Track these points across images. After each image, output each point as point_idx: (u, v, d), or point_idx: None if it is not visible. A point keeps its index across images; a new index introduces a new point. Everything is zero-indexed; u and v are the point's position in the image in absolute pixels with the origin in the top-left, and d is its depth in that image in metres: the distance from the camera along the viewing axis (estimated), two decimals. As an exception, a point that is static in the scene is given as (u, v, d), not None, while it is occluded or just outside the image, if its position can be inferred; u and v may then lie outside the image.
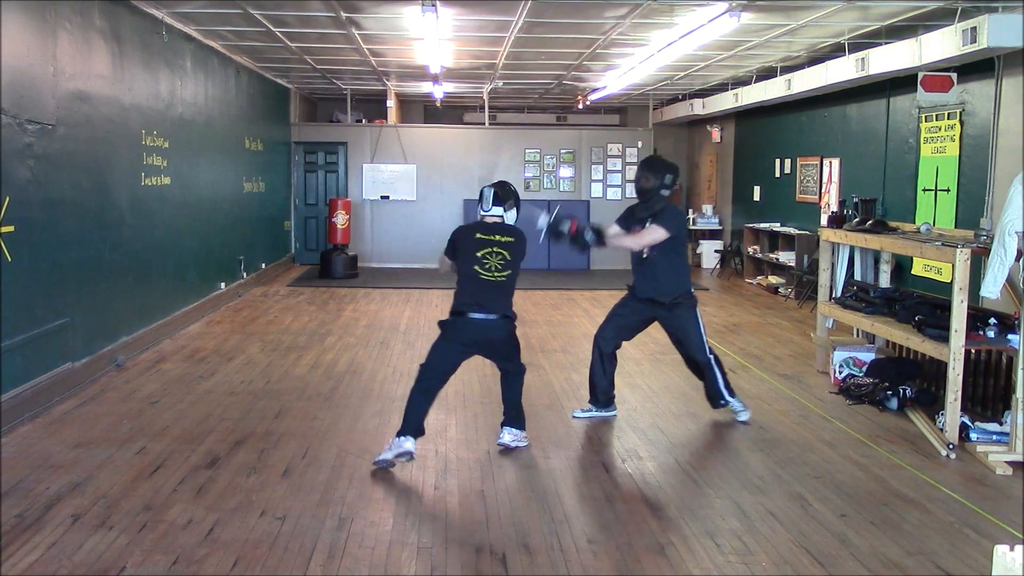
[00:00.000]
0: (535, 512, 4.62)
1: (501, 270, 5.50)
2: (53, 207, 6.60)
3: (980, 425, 5.88)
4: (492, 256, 5.51)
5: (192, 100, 10.07)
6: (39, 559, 3.95)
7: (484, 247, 5.53)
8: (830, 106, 12.20)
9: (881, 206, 10.15)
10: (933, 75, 8.61)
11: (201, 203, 10.42)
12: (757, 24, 9.00)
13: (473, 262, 5.51)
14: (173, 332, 9.18)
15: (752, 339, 9.57)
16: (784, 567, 4.02)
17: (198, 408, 6.47)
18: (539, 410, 6.59)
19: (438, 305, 11.73)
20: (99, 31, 7.50)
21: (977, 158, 8.70)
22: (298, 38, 10.46)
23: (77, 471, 5.07)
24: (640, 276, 6.27)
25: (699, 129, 18.52)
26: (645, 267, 6.18)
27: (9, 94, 5.91)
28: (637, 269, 6.28)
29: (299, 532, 4.30)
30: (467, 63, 12.45)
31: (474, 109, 18.66)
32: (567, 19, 9.11)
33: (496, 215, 5.62)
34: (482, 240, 5.55)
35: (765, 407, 6.77)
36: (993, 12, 7.22)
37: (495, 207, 5.61)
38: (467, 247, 5.56)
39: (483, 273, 5.49)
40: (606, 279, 14.68)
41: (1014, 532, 4.48)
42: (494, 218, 5.62)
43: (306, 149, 16.56)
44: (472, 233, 5.61)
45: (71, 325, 6.87)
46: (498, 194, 5.62)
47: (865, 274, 8.03)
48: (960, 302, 5.71)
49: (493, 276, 5.49)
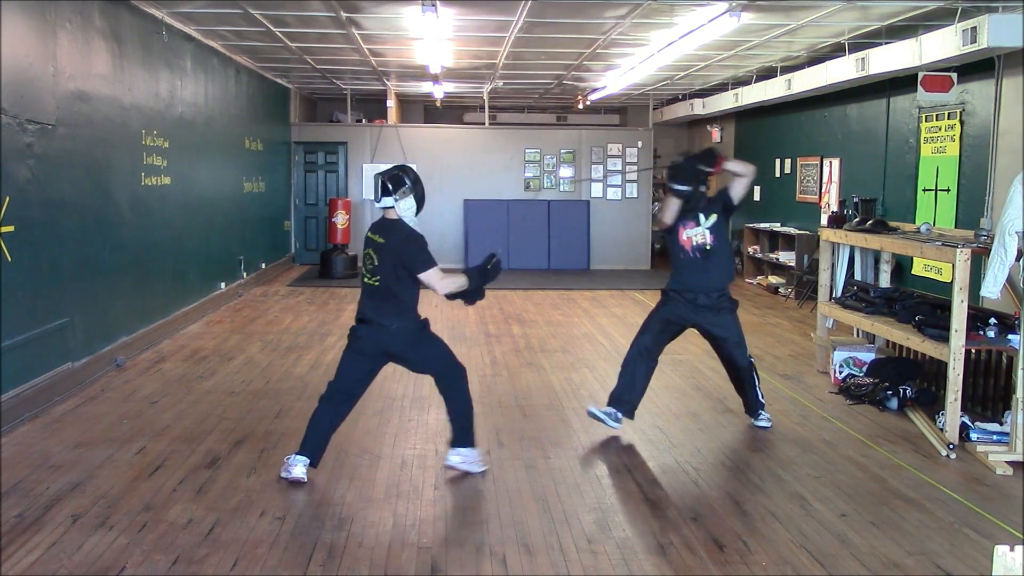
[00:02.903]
0: (535, 512, 4.62)
1: (372, 274, 4.97)
2: (53, 207, 6.60)
3: (980, 425, 5.88)
4: (368, 258, 5.03)
5: (192, 100, 10.07)
6: (39, 559, 3.95)
7: (367, 247, 5.06)
8: (830, 106, 12.20)
9: (881, 206, 10.15)
10: (933, 75, 8.61)
11: (201, 203, 10.42)
12: (757, 24, 9.00)
13: (363, 264, 5.12)
14: (173, 332, 9.18)
15: (752, 339, 9.52)
16: (784, 567, 4.02)
17: (198, 408, 6.47)
18: (539, 410, 6.60)
19: (438, 305, 11.72)
20: (99, 31, 7.50)
21: (977, 158, 8.70)
22: (298, 38, 10.46)
23: (77, 471, 5.07)
24: (699, 269, 5.95)
25: (699, 129, 18.51)
26: (710, 258, 5.92)
27: (9, 94, 5.91)
28: (696, 264, 5.96)
29: (299, 532, 4.30)
30: (467, 63, 12.44)
31: (474, 109, 18.66)
32: (567, 19, 9.11)
33: (387, 206, 4.98)
34: (367, 240, 5.08)
35: (765, 407, 6.75)
36: (993, 12, 7.22)
37: (384, 197, 4.96)
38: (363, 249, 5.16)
39: (366, 276, 5.04)
40: (606, 279, 14.68)
41: (1014, 532, 4.48)
42: (390, 212, 5.00)
43: (306, 149, 16.56)
44: (367, 232, 5.15)
45: (71, 325, 6.87)
46: (385, 183, 4.95)
47: (865, 274, 8.03)
48: (960, 302, 5.71)
49: (370, 280, 5.00)
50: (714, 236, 5.95)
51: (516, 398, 6.96)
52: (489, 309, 11.43)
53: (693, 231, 5.99)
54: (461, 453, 5.17)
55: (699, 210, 5.99)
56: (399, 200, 4.95)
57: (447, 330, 9.84)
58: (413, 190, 4.98)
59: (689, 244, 6.00)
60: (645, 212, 16.91)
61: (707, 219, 5.98)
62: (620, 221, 16.71)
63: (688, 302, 6.00)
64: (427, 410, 6.56)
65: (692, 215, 6.00)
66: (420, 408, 6.57)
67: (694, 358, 8.48)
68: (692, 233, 5.99)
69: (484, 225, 16.26)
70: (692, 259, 5.99)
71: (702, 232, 5.97)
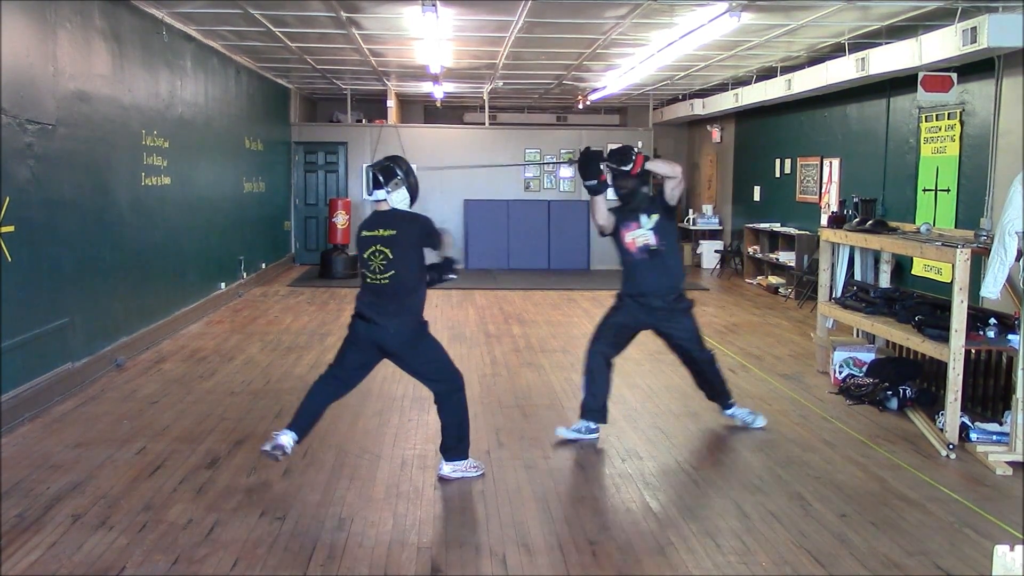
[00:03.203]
0: (535, 512, 4.62)
1: (384, 271, 4.80)
2: (53, 207, 6.60)
3: (980, 425, 5.88)
4: (375, 255, 4.82)
5: (192, 100, 10.07)
6: (39, 559, 3.95)
7: (369, 245, 4.85)
8: (830, 106, 12.20)
9: (881, 206, 10.15)
10: (933, 75, 8.61)
11: (201, 203, 10.42)
12: (757, 24, 9.00)
13: (364, 264, 4.88)
14: (173, 332, 9.18)
15: (752, 339, 9.57)
16: (784, 567, 4.02)
17: (198, 408, 6.47)
18: (539, 410, 6.60)
19: (438, 305, 11.73)
20: (99, 31, 7.50)
21: (977, 158, 8.70)
22: (298, 38, 10.46)
23: (77, 471, 5.07)
24: (648, 271, 5.80)
25: (699, 129, 18.52)
26: (657, 259, 5.76)
27: (9, 94, 5.91)
28: (644, 266, 5.81)
29: (299, 532, 4.30)
30: (467, 63, 12.45)
31: (474, 109, 18.66)
32: (567, 19, 9.11)
33: (379, 198, 4.89)
34: (367, 238, 4.88)
35: (765, 407, 6.76)
36: (993, 12, 7.22)
37: (376, 190, 4.86)
38: (360, 247, 4.93)
39: (369, 276, 4.85)
40: (606, 279, 14.67)
41: (1014, 532, 4.48)
42: (382, 205, 4.92)
43: (306, 149, 16.56)
44: (361, 231, 4.94)
45: (71, 325, 6.87)
46: (376, 175, 4.84)
47: (865, 274, 8.03)
48: (960, 302, 5.71)
49: (378, 279, 4.82)
50: (658, 236, 5.76)
51: (516, 398, 6.96)
52: (489, 309, 11.43)
53: (636, 233, 5.79)
54: (454, 464, 5.07)
55: (640, 211, 5.80)
56: (391, 192, 4.87)
57: (447, 330, 9.85)
58: (406, 181, 4.89)
59: (634, 246, 5.81)
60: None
61: (649, 219, 5.78)
62: (620, 221, 16.68)
63: (642, 305, 5.83)
64: (427, 410, 6.56)
65: (634, 216, 5.81)
66: (420, 408, 6.57)
67: (694, 358, 8.48)
68: (635, 235, 5.80)
69: (484, 225, 16.27)
70: (639, 261, 5.81)
71: (645, 234, 5.78)
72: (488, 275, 15.14)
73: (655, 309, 5.82)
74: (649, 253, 5.78)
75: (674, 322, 5.89)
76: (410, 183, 4.92)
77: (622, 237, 5.85)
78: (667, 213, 5.82)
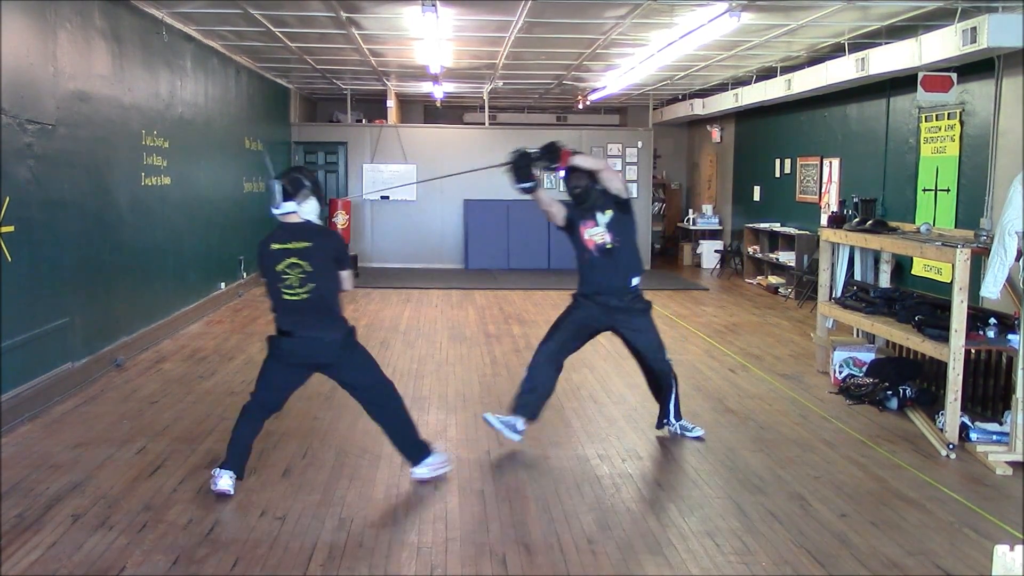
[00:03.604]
0: (535, 512, 4.62)
1: (302, 285, 4.66)
2: (53, 207, 6.60)
3: (980, 425, 5.88)
4: (292, 269, 4.67)
5: (192, 100, 10.07)
6: (39, 559, 3.95)
7: (282, 259, 4.68)
8: (830, 106, 12.20)
9: (881, 206, 10.15)
10: (933, 75, 8.61)
11: (201, 203, 10.42)
12: (757, 24, 9.00)
13: (276, 279, 4.70)
14: (173, 332, 9.18)
15: (752, 339, 9.57)
16: (784, 567, 4.02)
17: (198, 408, 6.47)
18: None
19: (438, 305, 11.74)
20: (99, 31, 7.50)
21: (977, 158, 8.70)
22: (298, 38, 10.46)
23: (77, 471, 5.07)
24: (604, 269, 5.65)
25: (699, 129, 18.52)
26: (613, 257, 5.62)
27: (9, 94, 5.91)
28: (599, 264, 5.66)
29: (299, 532, 4.30)
30: (467, 63, 12.45)
31: (474, 109, 18.66)
32: (567, 19, 9.11)
33: (288, 211, 4.75)
34: (278, 251, 4.69)
35: (765, 407, 6.76)
36: (993, 12, 7.22)
37: (285, 203, 4.72)
38: (268, 263, 4.72)
39: (286, 292, 4.69)
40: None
41: (1014, 532, 4.48)
42: (291, 217, 4.77)
43: (306, 149, 16.56)
44: (268, 244, 4.74)
45: (71, 325, 6.87)
46: (285, 187, 4.71)
47: (865, 274, 8.03)
48: (960, 302, 5.71)
49: (297, 294, 4.68)
50: (613, 233, 5.61)
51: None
52: (489, 309, 11.43)
53: (593, 230, 5.64)
54: (427, 462, 5.01)
55: (596, 208, 5.64)
56: (302, 203, 4.74)
57: (447, 330, 9.86)
58: (313, 191, 4.78)
59: (592, 244, 5.66)
60: (645, 212, 16.91)
61: (604, 215, 5.63)
62: (620, 221, 16.67)
63: (600, 305, 5.68)
64: (427, 410, 6.57)
65: (590, 214, 5.65)
66: (420, 408, 6.57)
67: (694, 358, 8.48)
68: (592, 233, 5.64)
69: (484, 225, 16.26)
70: (595, 260, 5.66)
71: (601, 231, 5.63)
72: (488, 275, 15.13)
73: (612, 308, 5.67)
74: (604, 252, 5.64)
75: (632, 322, 5.73)
76: (317, 192, 4.80)
77: (581, 234, 5.70)
78: (621, 208, 5.66)
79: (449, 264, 16.45)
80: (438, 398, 6.95)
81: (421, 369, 7.95)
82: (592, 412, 6.56)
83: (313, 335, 4.72)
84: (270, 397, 4.92)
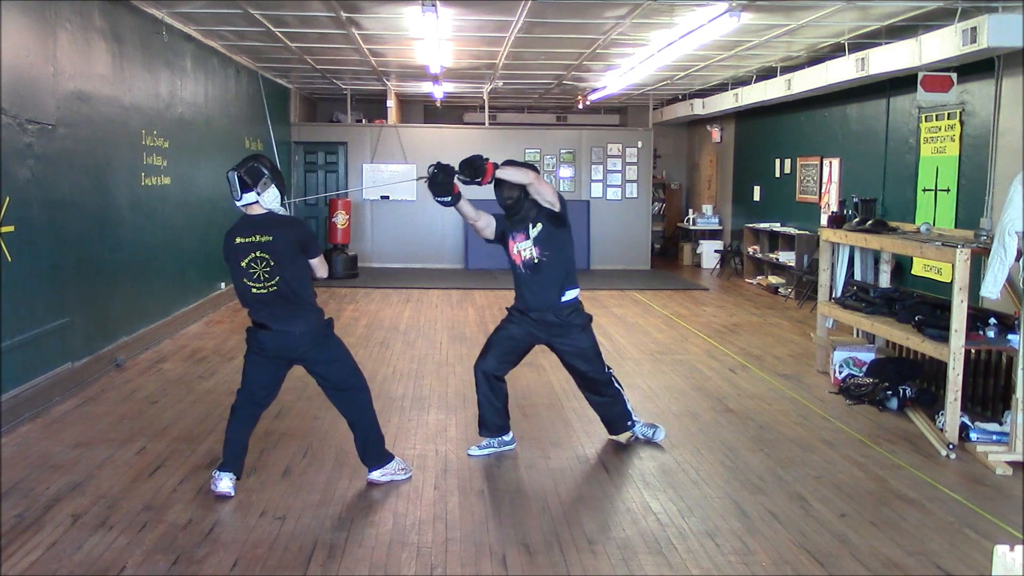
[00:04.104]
0: (535, 512, 4.62)
1: (269, 278, 4.56)
2: (53, 207, 6.60)
3: (980, 425, 5.88)
4: (257, 263, 4.57)
5: (192, 100, 10.07)
6: (39, 559, 3.95)
7: (247, 252, 4.58)
8: (830, 106, 12.20)
9: (881, 206, 10.15)
10: (933, 75, 8.62)
11: (201, 203, 10.42)
12: (757, 24, 9.00)
13: (241, 274, 4.59)
14: (173, 332, 9.18)
15: (752, 339, 9.57)
16: (784, 567, 4.02)
17: (198, 408, 6.47)
18: (539, 410, 6.60)
19: (438, 305, 11.74)
20: (99, 31, 7.50)
21: (977, 158, 8.70)
22: (298, 38, 10.46)
23: (77, 471, 5.07)
24: (531, 285, 5.44)
25: (699, 129, 18.52)
26: (539, 273, 5.39)
27: (9, 94, 5.91)
28: (527, 280, 5.46)
29: (299, 532, 4.30)
30: (467, 63, 12.45)
31: (474, 109, 18.66)
32: (567, 19, 9.11)
33: (249, 202, 4.63)
34: (243, 245, 4.59)
35: (765, 407, 6.77)
36: (993, 12, 7.22)
37: (245, 194, 4.59)
38: (233, 257, 4.61)
39: (253, 287, 4.59)
40: (606, 279, 14.67)
41: (1014, 532, 4.48)
42: (254, 208, 4.66)
43: (306, 149, 16.56)
44: (233, 238, 4.62)
45: (71, 325, 6.87)
46: (244, 178, 4.58)
47: (865, 274, 8.03)
48: (960, 302, 5.71)
49: (264, 288, 4.58)
50: (540, 248, 5.36)
51: (516, 398, 6.94)
52: (489, 309, 11.42)
53: (522, 244, 5.41)
54: (382, 468, 4.96)
55: (528, 220, 5.39)
56: (262, 193, 4.61)
57: (447, 330, 9.86)
58: (273, 179, 4.64)
59: (519, 259, 5.44)
60: (645, 212, 16.92)
61: (533, 229, 5.38)
62: (620, 221, 16.70)
63: (535, 320, 5.47)
64: (427, 410, 6.57)
65: (522, 227, 5.41)
66: (420, 408, 6.58)
67: (694, 358, 8.49)
68: (521, 247, 5.42)
69: (484, 225, 16.23)
70: (523, 275, 5.45)
71: (528, 246, 5.39)
72: (488, 275, 15.13)
73: (549, 324, 5.47)
74: (531, 267, 5.42)
75: (568, 338, 5.52)
76: (277, 180, 4.69)
77: (510, 249, 5.48)
78: (553, 221, 5.39)
79: (449, 264, 16.45)
80: (438, 398, 6.95)
81: (421, 369, 7.96)
82: (592, 412, 6.54)
83: (286, 327, 4.66)
84: (256, 391, 4.86)
